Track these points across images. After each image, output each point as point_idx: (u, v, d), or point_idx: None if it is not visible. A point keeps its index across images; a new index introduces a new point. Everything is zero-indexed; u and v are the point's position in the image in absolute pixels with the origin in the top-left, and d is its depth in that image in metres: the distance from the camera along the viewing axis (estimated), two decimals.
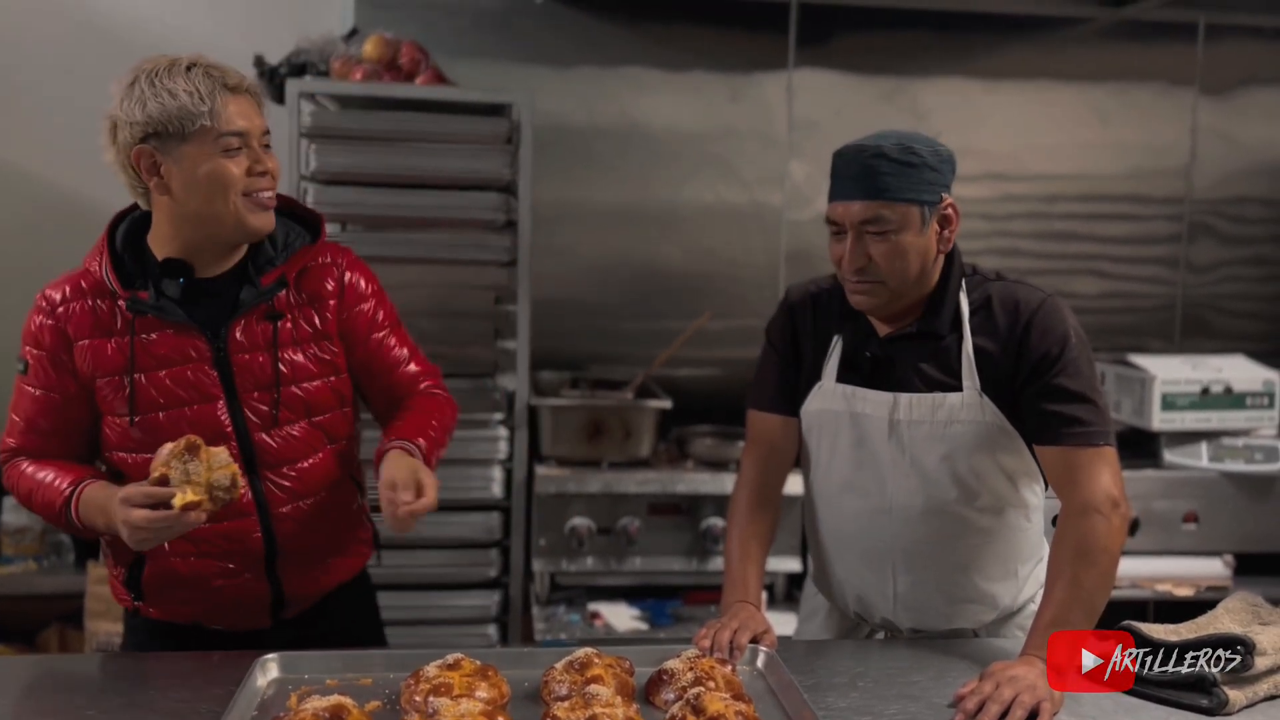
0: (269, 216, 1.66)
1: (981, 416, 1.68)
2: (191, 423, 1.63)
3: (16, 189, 3.33)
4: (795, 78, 3.48)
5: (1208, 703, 1.51)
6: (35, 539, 3.03)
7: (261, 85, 1.69)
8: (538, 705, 1.48)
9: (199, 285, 1.66)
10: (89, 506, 1.59)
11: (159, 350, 1.64)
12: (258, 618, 1.76)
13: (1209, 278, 3.74)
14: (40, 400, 1.67)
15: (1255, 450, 3.11)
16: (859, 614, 1.85)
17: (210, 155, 1.58)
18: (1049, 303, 1.69)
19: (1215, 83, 3.64)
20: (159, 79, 1.58)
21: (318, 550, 1.77)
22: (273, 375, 1.67)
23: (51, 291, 1.68)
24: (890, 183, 1.63)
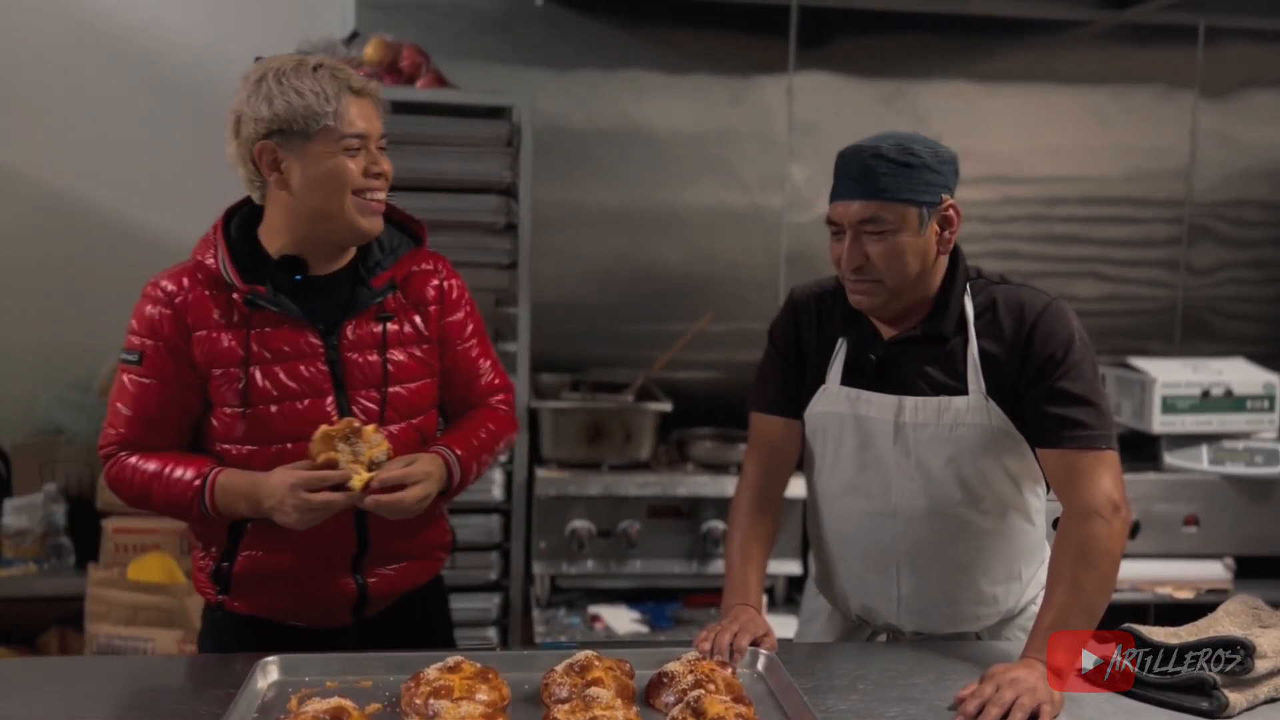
0: (378, 220, 1.70)
1: (987, 420, 1.68)
2: (302, 417, 1.67)
3: (16, 190, 3.34)
4: (795, 80, 3.48)
5: (1208, 705, 1.51)
6: (35, 541, 3.03)
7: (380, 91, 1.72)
8: (538, 708, 1.48)
9: (311, 282, 1.70)
10: (227, 493, 1.63)
11: (274, 344, 1.67)
12: (339, 615, 1.78)
13: (1209, 280, 3.74)
14: (154, 390, 1.68)
15: (1255, 453, 3.11)
16: (861, 617, 1.85)
17: (331, 154, 1.63)
18: (1054, 305, 1.69)
19: (1215, 86, 3.65)
20: (286, 78, 1.62)
21: (402, 550, 1.79)
22: (380, 374, 1.71)
23: (166, 282, 1.69)
24: (888, 183, 1.63)
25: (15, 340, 3.34)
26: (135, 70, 3.35)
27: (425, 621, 1.90)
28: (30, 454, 3.13)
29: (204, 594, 1.80)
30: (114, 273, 3.35)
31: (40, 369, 3.31)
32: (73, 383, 3.23)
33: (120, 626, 2.82)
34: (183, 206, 3.35)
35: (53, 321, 3.37)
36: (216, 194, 3.34)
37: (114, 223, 3.39)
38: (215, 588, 1.75)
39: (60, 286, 3.37)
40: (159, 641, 2.80)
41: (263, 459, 1.67)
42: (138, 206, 3.38)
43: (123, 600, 2.82)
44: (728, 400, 3.42)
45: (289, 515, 1.58)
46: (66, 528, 3.05)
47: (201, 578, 1.79)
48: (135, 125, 3.36)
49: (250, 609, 1.76)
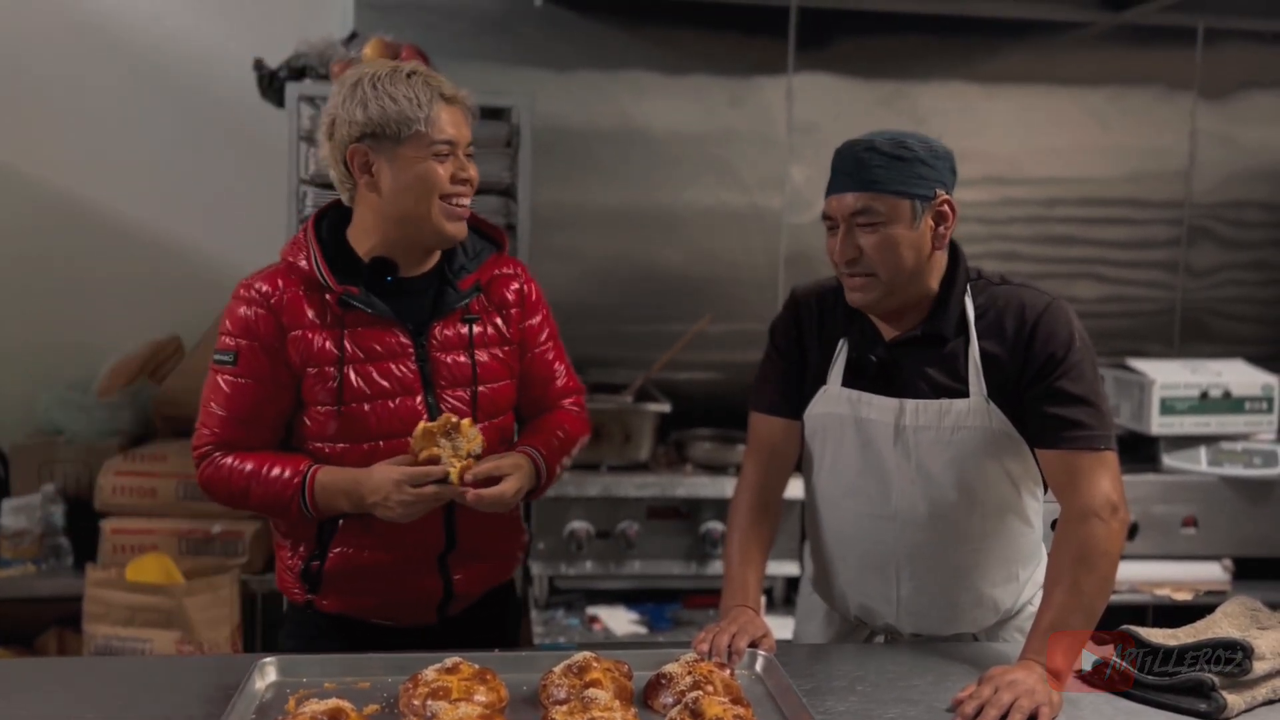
0: (463, 226, 1.74)
1: (988, 423, 1.68)
2: (394, 415, 1.70)
3: (15, 190, 3.34)
4: (795, 81, 3.48)
5: (1206, 707, 1.51)
6: (34, 542, 3.03)
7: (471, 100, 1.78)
8: (536, 709, 1.48)
9: (400, 284, 1.75)
10: (327, 491, 1.67)
11: (366, 344, 1.71)
12: (425, 613, 1.81)
13: (1208, 282, 3.74)
14: (250, 389, 1.70)
15: (1254, 454, 3.11)
16: (860, 618, 1.84)
17: (422, 159, 1.67)
18: (1055, 305, 1.69)
19: (1214, 87, 3.65)
20: (381, 83, 1.67)
21: (487, 548, 1.83)
22: (468, 374, 1.76)
23: (260, 284, 1.72)
24: (880, 175, 1.64)
25: (14, 340, 3.34)
26: (135, 70, 3.35)
27: (503, 621, 1.96)
28: (29, 454, 3.13)
29: (290, 594, 1.82)
30: (113, 273, 3.37)
31: (39, 369, 3.30)
32: (71, 383, 3.22)
33: (118, 627, 2.82)
34: (182, 206, 3.37)
35: (52, 322, 3.37)
36: (214, 192, 3.37)
37: (113, 223, 3.39)
38: (304, 586, 1.78)
39: (59, 286, 3.37)
40: (157, 642, 2.80)
41: (355, 456, 1.70)
42: (137, 206, 3.39)
43: (121, 601, 2.82)
44: (727, 401, 3.41)
45: (393, 510, 1.62)
46: (65, 528, 3.05)
47: (289, 578, 1.80)
48: (135, 125, 3.36)
49: (339, 607, 1.78)
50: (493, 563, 1.86)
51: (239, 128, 3.32)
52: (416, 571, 1.77)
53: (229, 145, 3.36)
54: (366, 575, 1.75)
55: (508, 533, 1.88)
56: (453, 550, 1.78)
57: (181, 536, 2.97)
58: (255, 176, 3.13)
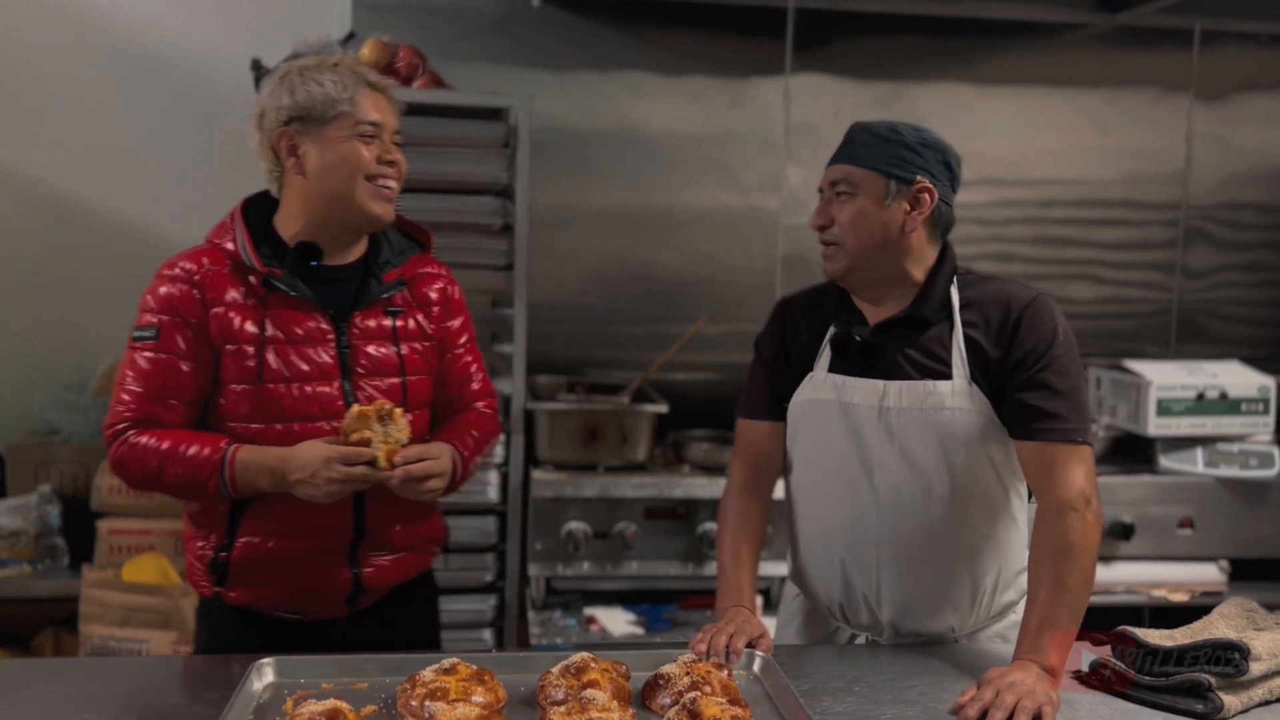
0: (389, 208, 1.78)
1: (970, 405, 1.69)
2: (310, 398, 1.72)
3: (10, 189, 3.33)
4: (792, 83, 3.48)
5: (1203, 708, 1.51)
6: (30, 542, 3.03)
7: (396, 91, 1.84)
8: (534, 710, 1.48)
9: (324, 271, 1.78)
10: (249, 468, 1.67)
11: (286, 326, 1.74)
12: (334, 606, 1.81)
13: (1205, 283, 3.75)
14: (166, 365, 1.71)
15: (1250, 455, 3.12)
16: (842, 609, 1.83)
17: (347, 139, 1.72)
18: (1039, 300, 1.72)
19: (1211, 89, 3.66)
20: (309, 72, 1.74)
21: (397, 540, 1.83)
22: (392, 365, 1.79)
23: (185, 262, 1.75)
24: (863, 151, 1.72)
25: (10, 340, 3.33)
26: (132, 69, 3.34)
27: (416, 616, 1.95)
28: (25, 455, 3.13)
29: (200, 588, 1.82)
30: (109, 272, 3.36)
31: (35, 369, 3.30)
32: (68, 383, 3.22)
33: (115, 628, 2.82)
34: (178, 206, 3.36)
35: (48, 322, 3.36)
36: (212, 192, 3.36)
37: (109, 222, 3.39)
38: (212, 578, 1.78)
39: (55, 286, 3.37)
40: (153, 643, 2.79)
41: (270, 437, 1.71)
42: (133, 206, 3.38)
43: (117, 601, 2.82)
44: (724, 402, 3.39)
45: (319, 488, 1.64)
46: (61, 528, 3.05)
47: (199, 570, 1.80)
48: (132, 124, 3.36)
49: (245, 600, 1.78)
50: (405, 556, 1.86)
51: (236, 128, 3.27)
52: (325, 562, 1.77)
53: (226, 145, 3.34)
54: (273, 565, 1.75)
55: (422, 525, 1.88)
56: (362, 541, 1.79)
57: (177, 537, 2.96)
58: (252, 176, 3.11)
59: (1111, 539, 3.06)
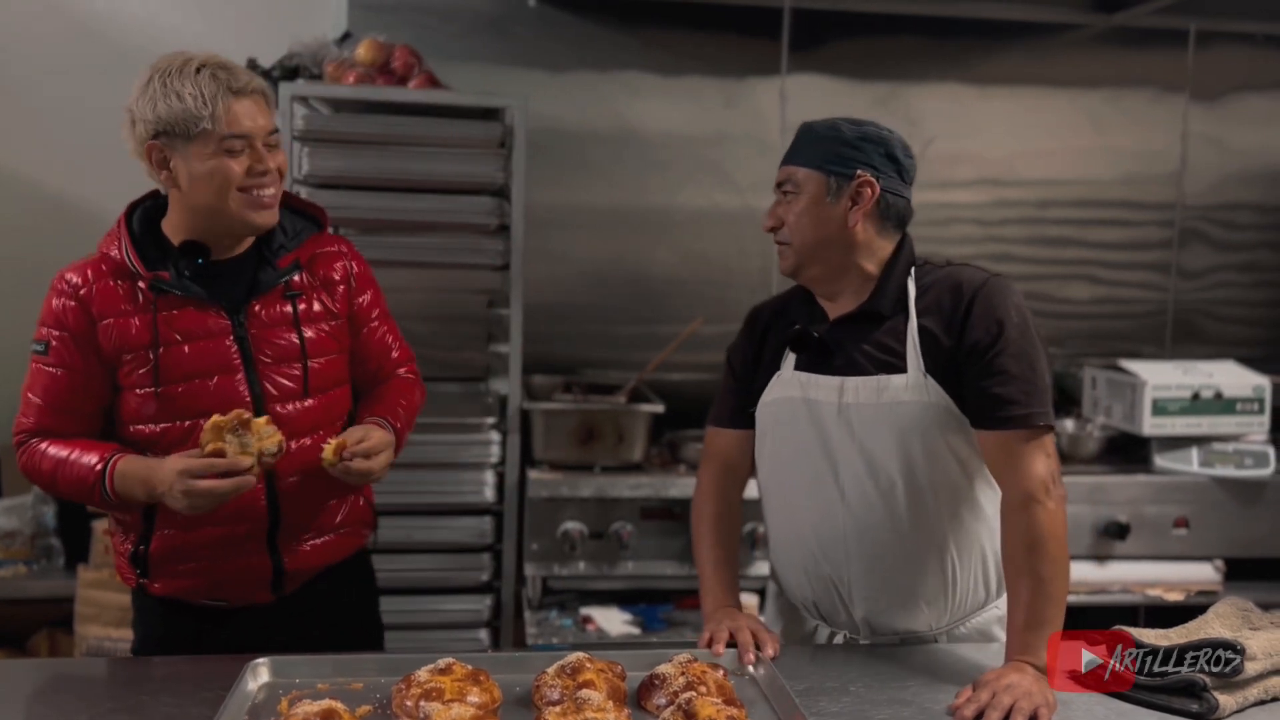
0: (269, 214, 1.74)
1: (926, 397, 1.69)
2: (213, 394, 1.71)
3: (6, 190, 3.33)
4: (788, 83, 3.48)
5: (1198, 707, 1.51)
6: (25, 543, 3.02)
7: (268, 86, 1.77)
8: (529, 710, 1.48)
9: (214, 267, 1.76)
10: (126, 479, 1.66)
11: (180, 326, 1.72)
12: (258, 592, 1.81)
13: (1200, 283, 3.75)
14: (61, 379, 1.73)
15: (1245, 455, 3.12)
16: (816, 607, 1.84)
17: (213, 155, 1.67)
18: (992, 282, 1.71)
19: (1206, 89, 3.66)
20: (170, 79, 1.66)
21: (318, 524, 1.83)
22: (294, 350, 1.77)
23: (71, 275, 1.74)
24: (804, 150, 1.75)
25: (7, 341, 3.32)
26: (127, 70, 3.30)
27: (349, 596, 1.95)
28: None
29: (125, 579, 1.84)
30: None
31: None
32: None
33: (110, 628, 2.81)
34: None
35: None
36: None
37: (104, 223, 3.34)
38: (135, 571, 1.79)
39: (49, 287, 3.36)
40: None
41: (175, 436, 1.71)
42: None
43: (113, 602, 2.82)
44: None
45: (178, 501, 1.62)
46: (56, 529, 3.04)
47: (121, 562, 1.83)
48: None
49: (169, 590, 1.79)
50: (329, 540, 1.85)
51: None
52: (243, 550, 1.77)
53: None
54: (191, 556, 1.76)
55: (342, 508, 1.87)
56: (279, 527, 1.78)
57: None
58: None
59: (1107, 538, 3.06)
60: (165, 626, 1.82)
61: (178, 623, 1.81)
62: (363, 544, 1.96)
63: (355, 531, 1.92)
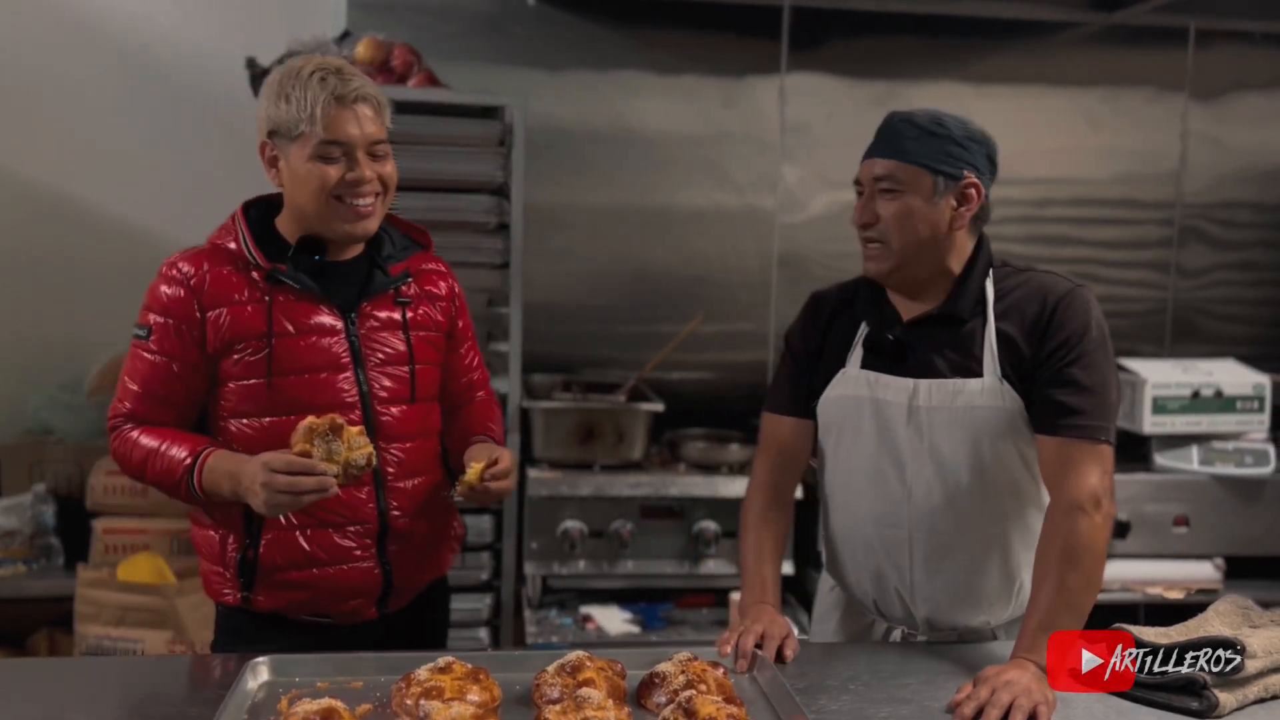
0: (364, 223, 1.74)
1: (1001, 403, 1.68)
2: (320, 390, 1.71)
3: (4, 187, 3.32)
4: (788, 82, 3.48)
5: (1198, 705, 1.51)
6: (24, 542, 3.02)
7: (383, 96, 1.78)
8: (529, 709, 1.48)
9: (328, 267, 1.77)
10: (214, 473, 1.65)
11: (295, 318, 1.73)
12: (365, 607, 1.79)
13: (1199, 282, 3.75)
14: (160, 367, 1.72)
15: (1245, 454, 3.12)
16: (876, 603, 1.83)
17: (310, 159, 1.69)
18: (1077, 292, 1.71)
19: (1205, 88, 3.66)
20: (286, 82, 1.70)
21: (422, 534, 1.83)
22: (403, 354, 1.79)
23: (183, 264, 1.73)
24: (909, 145, 1.67)
25: (4, 339, 3.33)
26: (128, 68, 3.34)
27: (439, 617, 1.98)
28: (19, 454, 3.12)
29: (221, 597, 1.79)
30: (103, 271, 3.35)
31: (29, 369, 3.29)
32: (62, 383, 3.22)
33: (110, 627, 2.81)
34: (173, 204, 3.35)
35: (42, 321, 3.36)
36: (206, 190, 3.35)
37: (104, 220, 3.38)
38: (239, 583, 1.75)
39: (49, 285, 3.36)
40: (148, 642, 2.79)
41: (283, 429, 1.68)
42: (127, 204, 3.38)
43: (112, 601, 2.81)
44: (720, 401, 3.42)
45: (256, 495, 1.59)
46: (56, 528, 3.04)
47: (219, 578, 1.78)
48: (125, 123, 3.35)
49: (274, 604, 1.76)
50: (431, 553, 1.87)
51: (230, 125, 3.30)
52: (353, 558, 1.75)
53: (220, 143, 3.34)
54: (302, 563, 1.73)
55: (442, 520, 1.89)
56: (388, 534, 1.78)
57: (173, 536, 2.96)
58: (246, 174, 3.09)
59: None
60: (261, 647, 1.66)
61: (274, 644, 1.69)
62: (451, 563, 1.97)
63: (448, 546, 1.94)
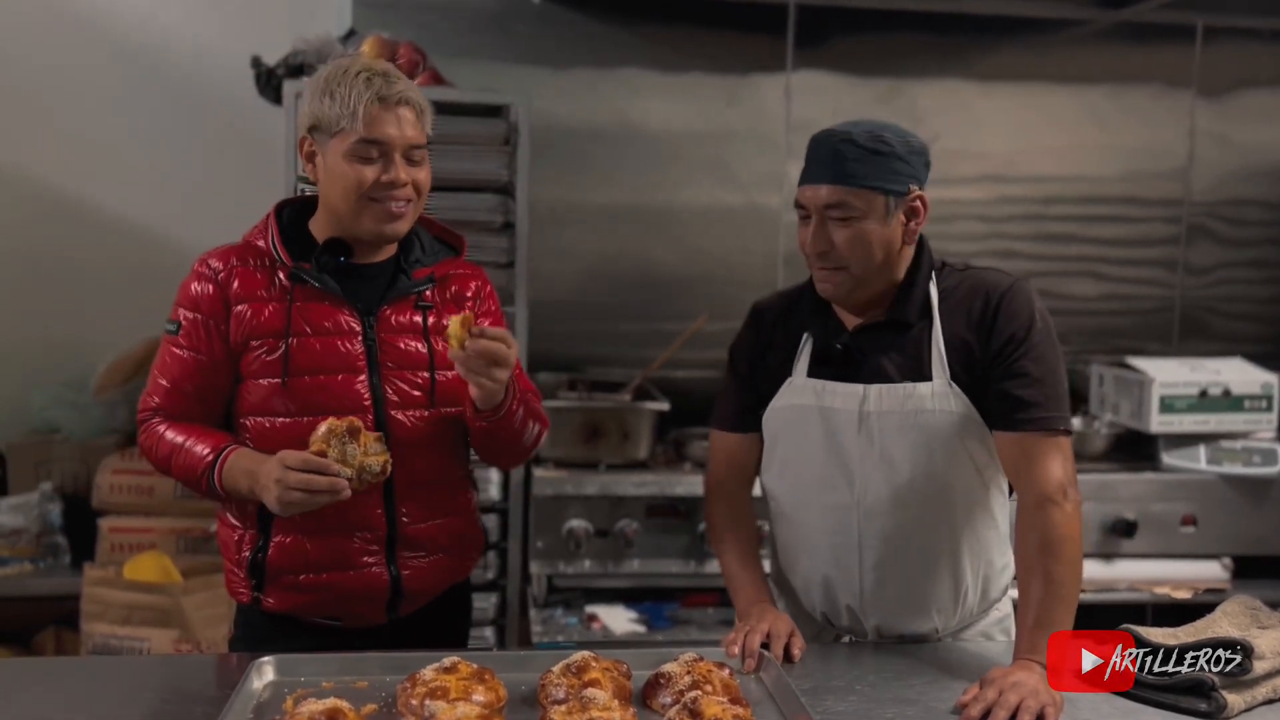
0: (398, 225, 1.74)
1: (951, 406, 1.68)
2: (334, 391, 1.71)
3: (9, 187, 3.33)
4: (793, 79, 3.48)
5: (1206, 707, 1.50)
6: (31, 540, 3.02)
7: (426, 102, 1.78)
8: (534, 709, 1.47)
9: (354, 269, 1.77)
10: (234, 471, 1.67)
11: (313, 318, 1.73)
12: (374, 611, 1.79)
13: (1207, 280, 3.74)
14: (188, 362, 1.73)
15: (1253, 453, 3.11)
16: (825, 614, 1.83)
17: (347, 156, 1.70)
18: (1016, 286, 1.70)
19: (1213, 85, 3.65)
20: (331, 79, 1.71)
21: (434, 541, 1.81)
22: (422, 360, 1.78)
23: (213, 260, 1.75)
24: (856, 169, 1.64)
25: (10, 338, 3.33)
26: (131, 67, 3.34)
27: (455, 624, 1.95)
28: (25, 453, 3.13)
29: (237, 594, 1.81)
30: (108, 270, 3.36)
31: (35, 368, 3.30)
32: (67, 381, 3.22)
33: (116, 626, 2.81)
34: (177, 202, 3.36)
35: (47, 319, 3.36)
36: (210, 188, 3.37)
37: (109, 220, 3.38)
38: (250, 583, 1.77)
39: (55, 284, 3.37)
40: (154, 641, 2.79)
41: (297, 430, 1.69)
42: (133, 204, 3.38)
43: (118, 600, 2.82)
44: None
45: (270, 491, 1.60)
46: (62, 527, 3.05)
47: (235, 576, 1.80)
48: (131, 122, 3.36)
49: (284, 605, 1.77)
50: (445, 557, 1.84)
51: (235, 125, 3.32)
52: (362, 562, 1.75)
53: (225, 142, 3.36)
54: (310, 566, 1.74)
55: (459, 528, 1.86)
56: (397, 539, 1.77)
57: (179, 535, 2.97)
58: (251, 174, 3.12)
59: (1114, 537, 3.05)
60: (273, 647, 1.70)
61: (286, 644, 1.72)
62: (472, 568, 1.95)
63: (468, 554, 1.91)
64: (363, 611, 1.79)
